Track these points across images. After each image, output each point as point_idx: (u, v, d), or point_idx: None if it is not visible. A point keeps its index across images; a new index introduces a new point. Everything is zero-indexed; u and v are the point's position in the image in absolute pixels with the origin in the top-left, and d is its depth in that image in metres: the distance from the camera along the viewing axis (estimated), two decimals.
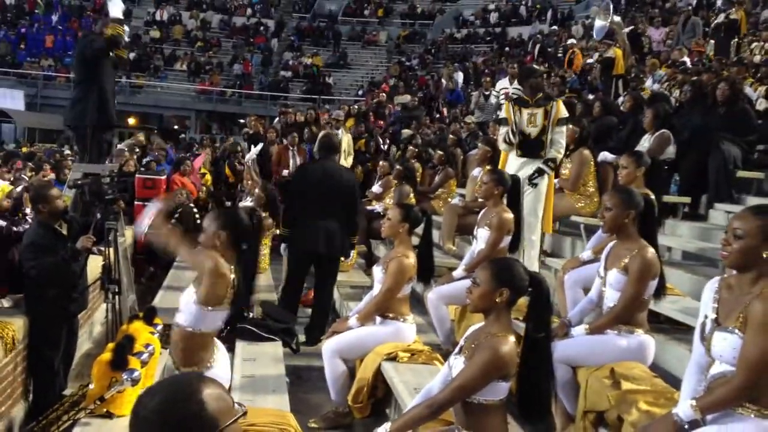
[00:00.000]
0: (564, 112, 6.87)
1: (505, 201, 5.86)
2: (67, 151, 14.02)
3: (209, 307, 3.80)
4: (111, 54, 7.68)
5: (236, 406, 1.72)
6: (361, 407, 4.96)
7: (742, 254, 2.81)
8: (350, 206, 6.83)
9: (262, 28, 37.04)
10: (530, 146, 6.76)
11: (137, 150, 12.50)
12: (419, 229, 5.44)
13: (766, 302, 2.69)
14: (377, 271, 5.12)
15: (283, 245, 7.67)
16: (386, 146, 14.49)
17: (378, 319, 5.09)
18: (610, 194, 4.30)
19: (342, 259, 7.47)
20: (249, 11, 38.05)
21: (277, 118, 17.27)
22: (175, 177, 11.23)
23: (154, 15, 37.45)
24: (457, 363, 3.26)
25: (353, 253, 8.13)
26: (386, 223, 5.16)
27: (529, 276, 3.28)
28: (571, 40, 19.10)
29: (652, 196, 5.02)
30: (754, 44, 13.14)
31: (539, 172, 6.68)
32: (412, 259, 5.04)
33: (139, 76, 33.31)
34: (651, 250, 4.03)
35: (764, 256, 2.77)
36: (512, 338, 3.17)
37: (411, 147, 12.05)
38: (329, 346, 5.03)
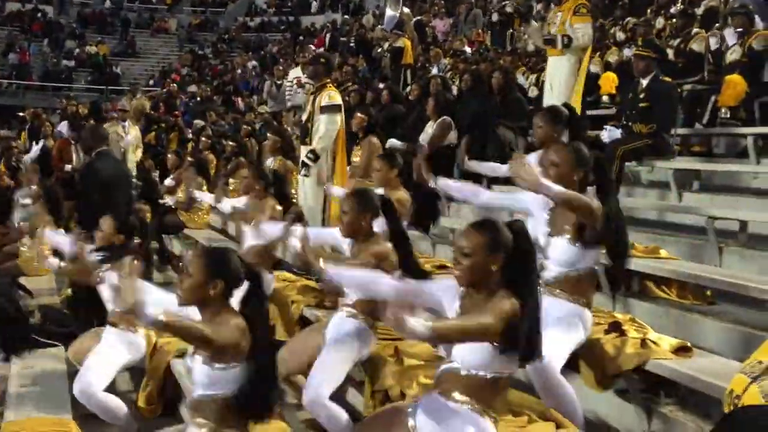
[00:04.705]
0: (330, 101, 6.86)
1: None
2: None
3: None
4: None
5: None
6: (153, 408, 4.82)
7: (471, 271, 2.84)
8: (131, 200, 6.72)
9: (39, 14, 34.45)
10: (302, 132, 6.95)
11: None
12: None
13: None
14: None
15: None
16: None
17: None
18: (345, 197, 4.15)
19: None
20: None
21: (57, 111, 16.26)
22: None
23: None
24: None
25: None
26: None
27: (245, 267, 3.12)
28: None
29: (406, 196, 5.11)
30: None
31: (303, 164, 6.78)
32: None
33: None
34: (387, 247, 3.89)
35: (493, 269, 2.82)
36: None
37: (204, 138, 11.78)
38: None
